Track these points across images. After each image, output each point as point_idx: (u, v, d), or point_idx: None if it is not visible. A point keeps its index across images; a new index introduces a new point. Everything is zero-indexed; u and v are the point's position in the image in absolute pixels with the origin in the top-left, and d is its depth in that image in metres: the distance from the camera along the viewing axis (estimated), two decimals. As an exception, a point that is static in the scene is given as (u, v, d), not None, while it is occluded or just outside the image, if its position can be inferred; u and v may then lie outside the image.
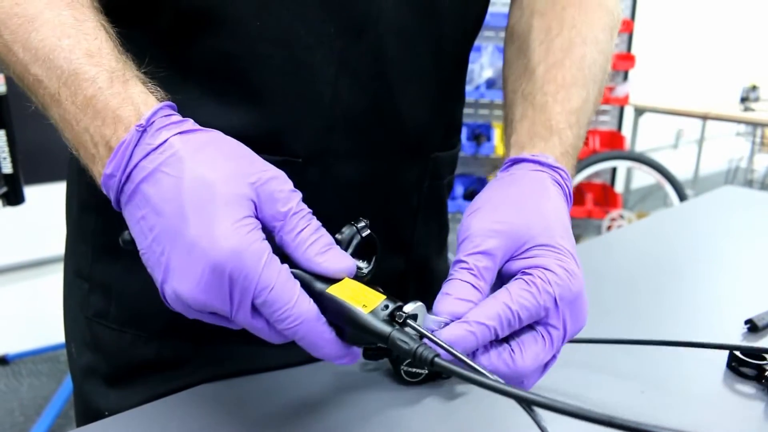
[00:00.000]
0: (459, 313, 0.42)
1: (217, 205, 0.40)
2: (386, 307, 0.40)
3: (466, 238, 0.45)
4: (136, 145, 0.42)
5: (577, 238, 3.66)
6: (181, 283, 0.40)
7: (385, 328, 0.39)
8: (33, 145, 1.90)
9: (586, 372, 0.63)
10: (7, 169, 1.83)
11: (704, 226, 1.19)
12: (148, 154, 0.42)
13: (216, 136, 0.44)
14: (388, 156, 0.64)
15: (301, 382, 0.62)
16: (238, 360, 0.64)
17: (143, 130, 0.42)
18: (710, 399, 0.61)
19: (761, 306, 0.77)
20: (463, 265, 0.44)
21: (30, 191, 1.97)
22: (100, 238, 0.64)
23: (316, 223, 0.43)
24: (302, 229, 0.42)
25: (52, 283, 0.74)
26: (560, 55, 0.59)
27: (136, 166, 0.42)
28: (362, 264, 0.46)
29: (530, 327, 0.44)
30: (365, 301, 0.40)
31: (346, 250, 0.44)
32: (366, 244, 0.46)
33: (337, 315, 0.41)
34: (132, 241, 0.45)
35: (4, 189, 1.85)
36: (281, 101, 0.56)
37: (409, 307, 0.41)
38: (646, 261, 1.00)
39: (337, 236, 0.45)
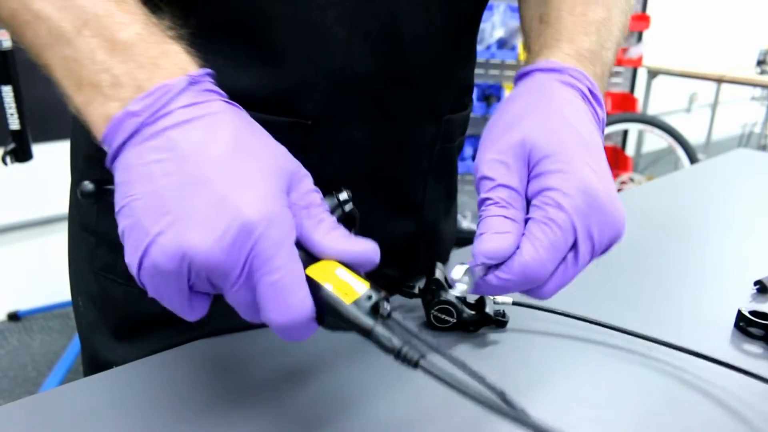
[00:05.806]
0: (498, 248, 0.41)
1: (260, 169, 0.38)
2: (369, 297, 0.37)
3: (481, 178, 0.44)
4: (179, 93, 0.38)
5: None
6: (197, 234, 0.35)
7: (368, 322, 0.37)
8: (41, 102, 1.90)
9: (588, 332, 0.63)
10: (15, 125, 1.83)
11: (715, 189, 1.18)
12: (190, 105, 0.38)
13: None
14: (400, 118, 0.63)
15: (314, 335, 0.62)
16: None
17: (191, 82, 0.39)
18: (717, 359, 0.61)
19: (771, 268, 0.77)
20: (489, 202, 0.43)
21: (38, 149, 1.97)
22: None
23: (333, 218, 0.41)
24: (323, 219, 0.40)
25: (62, 240, 0.74)
26: None
27: (171, 112, 0.37)
28: None
29: None
30: (348, 289, 0.38)
31: None
32: (347, 217, 0.44)
33: (317, 299, 0.38)
34: (92, 193, 0.42)
35: (12, 145, 1.85)
36: (292, 62, 0.55)
37: (457, 271, 0.41)
38: (654, 222, 0.99)
39: None
